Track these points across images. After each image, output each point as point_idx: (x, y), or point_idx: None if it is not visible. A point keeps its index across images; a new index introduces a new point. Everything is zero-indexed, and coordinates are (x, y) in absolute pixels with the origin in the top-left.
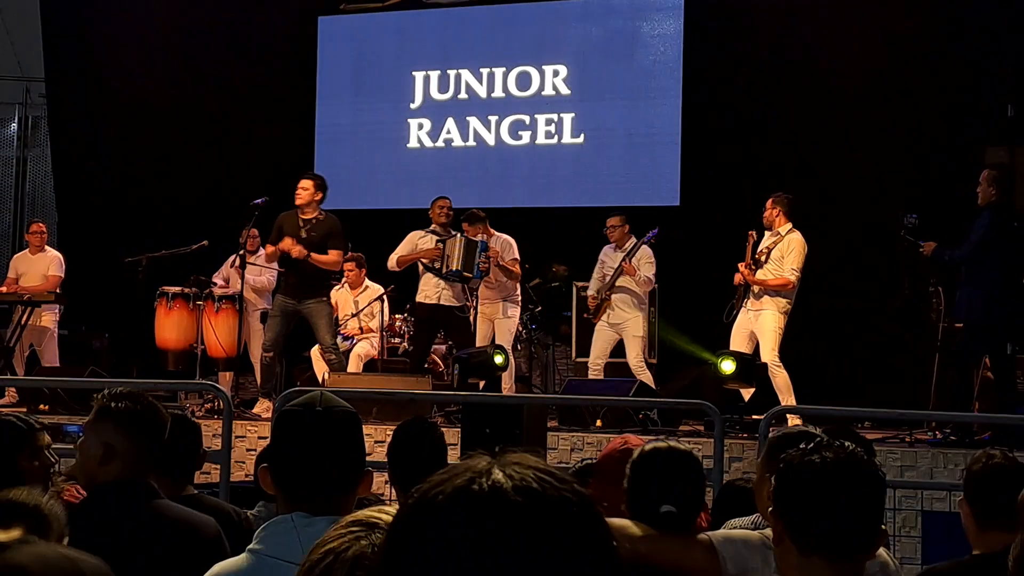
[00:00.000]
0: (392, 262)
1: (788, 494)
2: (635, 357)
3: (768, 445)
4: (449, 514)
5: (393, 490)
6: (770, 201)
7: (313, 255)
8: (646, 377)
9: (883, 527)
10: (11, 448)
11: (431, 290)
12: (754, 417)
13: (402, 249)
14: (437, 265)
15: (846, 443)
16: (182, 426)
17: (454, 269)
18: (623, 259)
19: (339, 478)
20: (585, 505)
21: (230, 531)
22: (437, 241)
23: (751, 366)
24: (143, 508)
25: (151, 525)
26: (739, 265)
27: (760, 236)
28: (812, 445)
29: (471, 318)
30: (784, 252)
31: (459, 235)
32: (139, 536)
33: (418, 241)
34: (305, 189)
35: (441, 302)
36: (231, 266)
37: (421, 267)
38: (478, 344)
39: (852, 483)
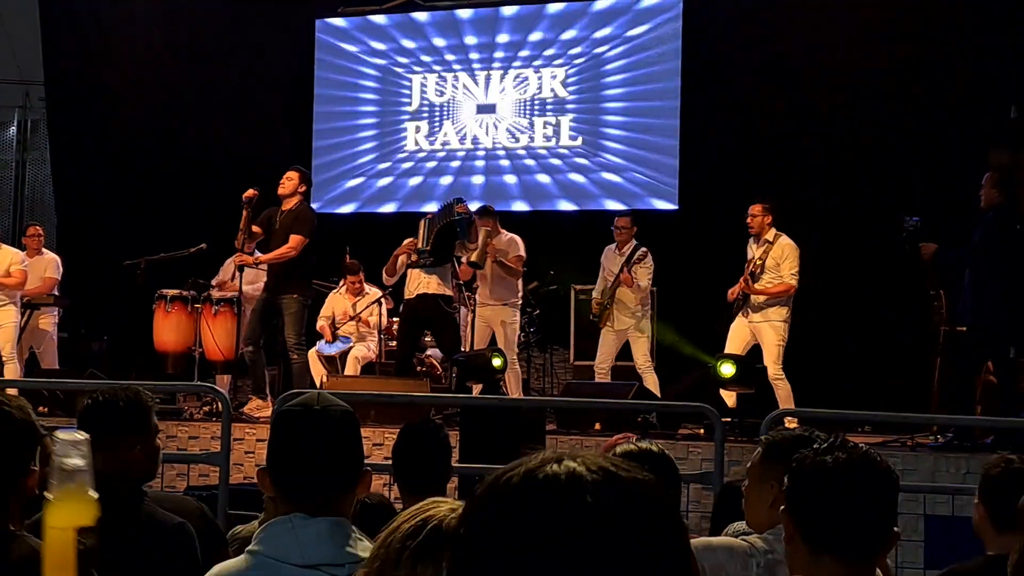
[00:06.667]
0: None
1: (800, 493)
2: (642, 356)
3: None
4: (524, 495)
5: (396, 492)
6: (760, 207)
7: (262, 256)
8: (652, 378)
9: (895, 528)
10: (24, 451)
11: (412, 284)
12: (753, 421)
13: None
14: (413, 258)
15: (859, 443)
16: None
17: (419, 248)
18: (622, 266)
19: (337, 478)
20: (657, 487)
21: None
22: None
23: (751, 369)
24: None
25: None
26: (739, 282)
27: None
28: (825, 445)
29: (466, 318)
30: (779, 259)
31: (428, 217)
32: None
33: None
34: (290, 179)
35: (421, 290)
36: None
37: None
38: (476, 347)
39: (864, 483)
